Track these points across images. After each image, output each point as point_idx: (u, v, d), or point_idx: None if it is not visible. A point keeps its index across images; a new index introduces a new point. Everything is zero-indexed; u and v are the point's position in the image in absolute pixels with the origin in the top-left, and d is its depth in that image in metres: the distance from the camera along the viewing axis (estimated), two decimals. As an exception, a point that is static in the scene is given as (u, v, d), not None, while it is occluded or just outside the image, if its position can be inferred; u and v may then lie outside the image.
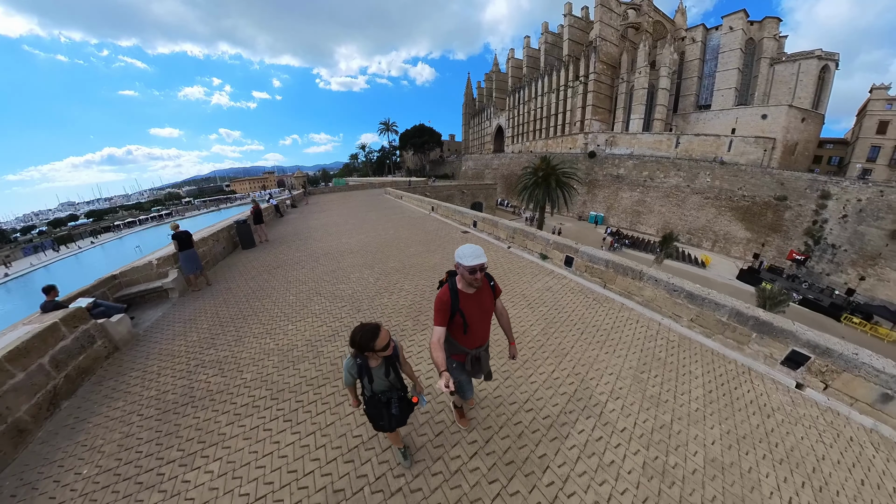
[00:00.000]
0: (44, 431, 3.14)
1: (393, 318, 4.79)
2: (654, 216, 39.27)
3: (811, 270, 33.42)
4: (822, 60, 40.95)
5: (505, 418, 2.91)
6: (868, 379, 3.04)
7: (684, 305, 4.58)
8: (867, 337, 24.60)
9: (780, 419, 3.02)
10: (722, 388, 3.36)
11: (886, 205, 29.99)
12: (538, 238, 7.14)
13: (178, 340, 4.42)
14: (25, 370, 3.17)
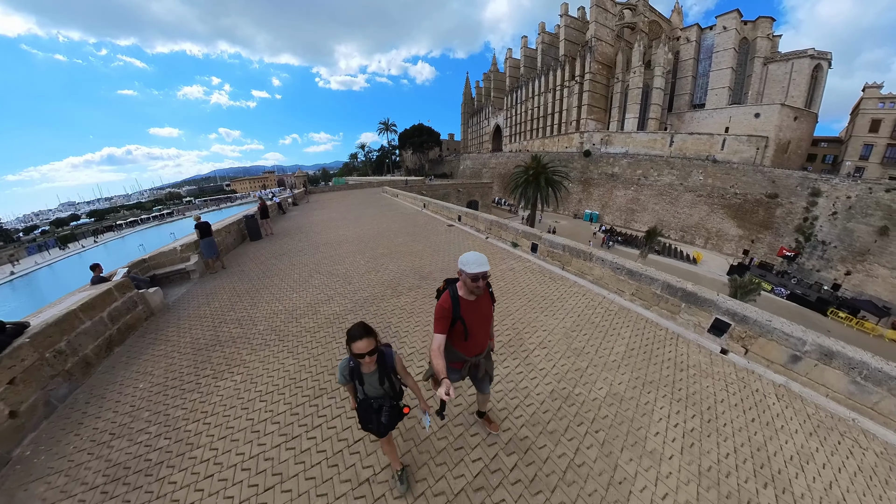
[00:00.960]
0: (103, 366, 4.16)
1: (376, 288, 5.85)
2: (647, 214, 40.17)
3: (802, 267, 34.22)
4: (814, 59, 41.73)
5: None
6: (780, 342, 3.59)
7: (626, 281, 5.54)
8: (853, 331, 25.38)
9: (693, 373, 3.61)
10: (644, 347, 4.10)
11: (875, 202, 30.76)
12: (510, 229, 8.15)
13: (202, 307, 5.48)
14: (91, 320, 4.20)
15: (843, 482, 2.51)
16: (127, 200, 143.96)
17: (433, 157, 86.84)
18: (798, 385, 3.50)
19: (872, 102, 40.64)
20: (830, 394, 3.36)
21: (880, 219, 30.42)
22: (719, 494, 2.35)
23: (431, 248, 8.41)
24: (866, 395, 3.13)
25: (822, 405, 3.28)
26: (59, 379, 3.64)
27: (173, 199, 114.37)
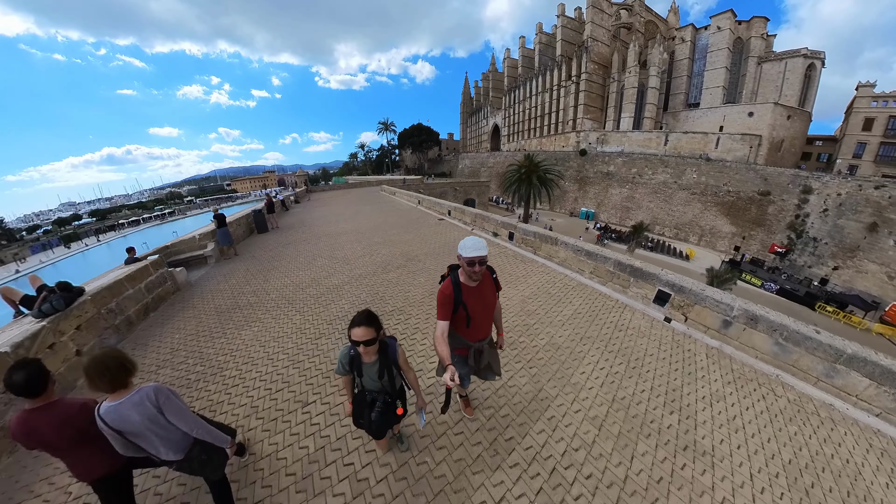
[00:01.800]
0: (142, 325, 5.14)
1: (369, 268, 6.85)
2: (642, 212, 41.02)
3: (794, 263, 34.97)
4: (807, 59, 42.52)
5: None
6: (713, 309, 4.16)
7: (585, 261, 6.46)
8: (840, 325, 26.12)
9: (630, 334, 4.22)
10: (590, 312, 4.90)
11: (864, 199, 31.48)
12: (491, 220, 9.10)
13: (221, 283, 6.53)
14: (133, 288, 5.17)
15: (747, 416, 3.03)
16: (127, 200, 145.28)
17: (432, 156, 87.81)
18: (731, 348, 4.02)
19: (865, 101, 41.32)
20: (759, 355, 3.89)
21: (870, 215, 31.10)
22: (626, 415, 2.94)
23: (420, 238, 9.42)
24: (788, 354, 3.66)
25: (750, 363, 3.79)
26: (110, 331, 4.61)
27: (174, 199, 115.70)
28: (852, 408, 3.25)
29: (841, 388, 3.36)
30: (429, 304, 5.16)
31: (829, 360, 3.39)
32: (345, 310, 5.09)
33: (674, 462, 2.50)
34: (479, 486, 2.30)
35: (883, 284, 29.54)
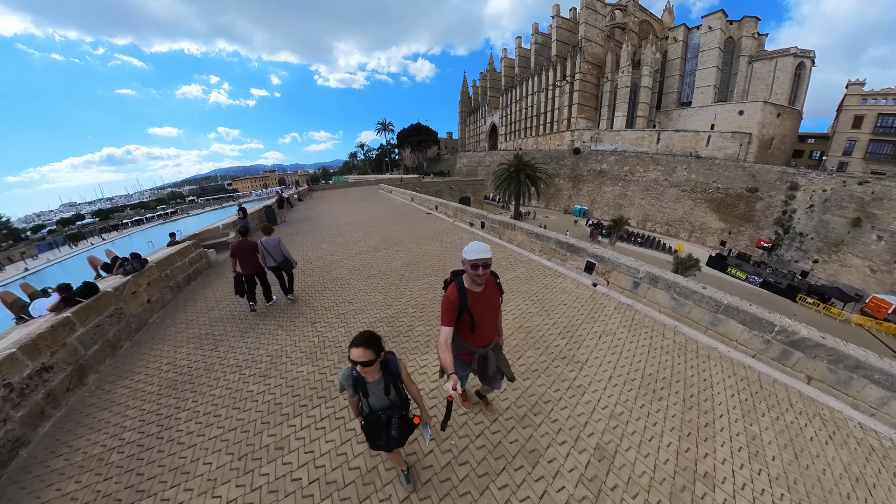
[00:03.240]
0: (188, 287, 6.89)
1: (363, 248, 8.68)
2: (634, 209, 42.57)
3: (781, 258, 36.40)
4: (797, 58, 43.86)
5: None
6: (625, 273, 5.44)
7: (535, 242, 8.10)
8: (820, 316, 27.51)
9: (554, 291, 5.64)
10: (527, 277, 6.45)
11: (848, 194, 32.83)
12: (468, 213, 10.81)
13: None
14: (181, 261, 6.92)
15: (628, 347, 4.05)
16: (128, 200, 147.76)
17: (431, 155, 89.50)
18: (641, 305, 5.14)
19: (855, 99, 42.58)
20: (662, 309, 4.96)
21: (853, 211, 32.40)
22: (526, 336, 4.29)
23: (407, 228, 11.22)
24: (682, 307, 4.70)
25: (653, 316, 4.76)
26: (167, 289, 6.35)
27: (176, 199, 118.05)
28: (733, 350, 4.12)
29: (724, 335, 4.30)
30: (406, 272, 6.89)
31: (712, 311, 4.37)
32: (343, 275, 6.90)
33: (550, 363, 3.83)
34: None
35: (866, 278, 30.90)
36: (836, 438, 3.05)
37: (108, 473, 2.74)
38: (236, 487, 2.51)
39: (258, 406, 3.33)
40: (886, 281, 30.02)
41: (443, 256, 7.83)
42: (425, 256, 7.88)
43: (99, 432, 3.21)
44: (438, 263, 7.33)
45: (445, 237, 9.53)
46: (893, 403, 3.27)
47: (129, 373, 4.12)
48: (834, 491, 2.53)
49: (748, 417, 3.16)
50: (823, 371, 3.64)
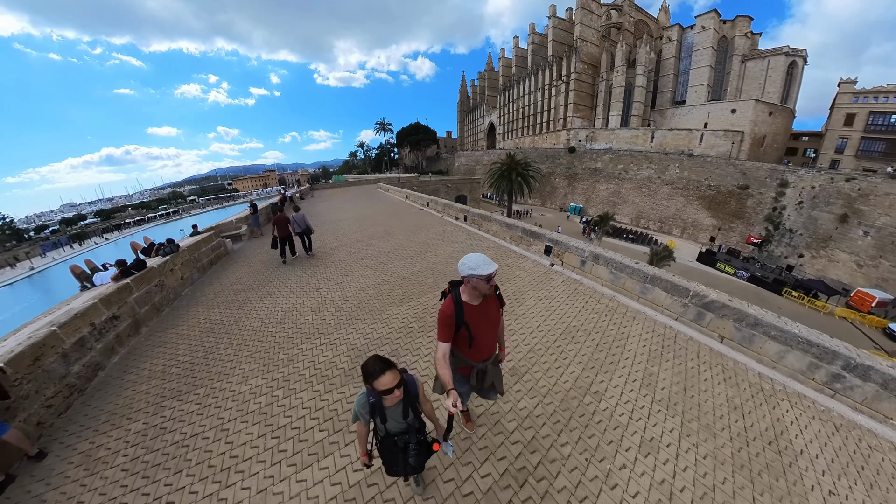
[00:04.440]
0: (211, 270, 8.20)
1: (359, 237, 10.01)
2: (628, 206, 43.77)
3: (771, 254, 37.52)
4: (789, 57, 44.93)
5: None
6: (575, 253, 6.65)
7: (506, 231, 9.33)
8: (804, 309, 28.58)
9: (513, 269, 6.86)
10: (497, 259, 7.72)
11: (836, 191, 33.88)
12: (454, 208, 12.13)
13: (256, 250, 9.74)
14: (206, 246, 8.25)
15: (564, 306, 5.17)
16: (128, 201, 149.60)
17: (430, 154, 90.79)
18: (587, 280, 6.26)
19: (847, 97, 43.58)
20: (603, 283, 6.03)
21: (840, 207, 33.43)
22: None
23: (400, 221, 12.56)
24: (619, 280, 5.78)
25: (596, 289, 5.78)
26: (195, 270, 7.67)
27: (177, 199, 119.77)
28: (659, 315, 4.96)
29: (651, 301, 5.22)
30: (394, 255, 8.18)
31: (642, 281, 5.33)
32: (342, 258, 8.23)
33: None
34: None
35: (853, 273, 31.98)
36: (728, 381, 3.69)
37: (170, 378, 4.03)
38: (261, 379, 3.82)
39: (276, 339, 4.64)
40: (872, 275, 31.09)
41: (426, 243, 9.13)
42: (411, 243, 9.19)
43: (158, 358, 4.52)
44: (421, 249, 8.65)
45: (431, 229, 10.85)
46: (789, 356, 3.84)
47: (174, 325, 5.44)
48: (709, 412, 3.21)
49: (651, 361, 3.90)
50: (731, 329, 4.30)
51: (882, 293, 28.36)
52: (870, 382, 3.48)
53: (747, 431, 3.12)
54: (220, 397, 3.59)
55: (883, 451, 3.09)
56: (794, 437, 3.15)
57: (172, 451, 2.98)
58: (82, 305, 4.50)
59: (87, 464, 2.93)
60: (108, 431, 3.30)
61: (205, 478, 2.69)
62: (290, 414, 3.27)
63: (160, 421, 3.36)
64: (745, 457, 2.87)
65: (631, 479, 2.56)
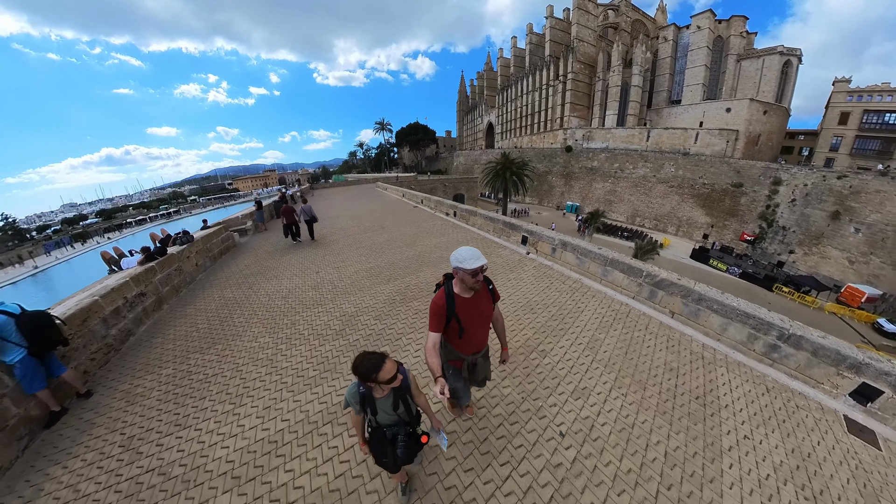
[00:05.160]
0: (221, 259, 9.09)
1: (356, 230, 10.91)
2: (624, 204, 44.53)
3: (765, 251, 38.22)
4: (783, 56, 45.62)
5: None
6: (547, 242, 7.42)
7: (490, 224, 10.15)
8: (794, 304, 29.26)
9: (494, 257, 7.67)
10: (478, 247, 8.62)
11: (828, 188, 34.54)
12: (445, 204, 13.00)
13: (261, 243, 10.67)
14: (216, 238, 9.13)
15: (530, 285, 5.90)
16: (129, 201, 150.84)
17: (429, 153, 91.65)
18: (558, 266, 7.03)
19: (842, 96, 44.24)
20: (571, 267, 6.74)
21: (832, 204, 34.08)
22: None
23: (394, 217, 13.47)
24: (584, 264, 6.46)
25: (563, 272, 6.51)
26: (207, 258, 8.55)
27: (177, 199, 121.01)
28: (618, 294, 5.62)
29: (611, 282, 5.89)
30: (385, 245, 9.05)
31: (603, 264, 6.02)
32: (339, 248, 9.12)
33: None
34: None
35: (844, 269, 32.65)
36: (670, 349, 4.08)
37: (192, 339, 4.90)
38: (269, 337, 4.70)
39: (281, 310, 5.52)
40: (863, 272, 31.74)
41: (416, 236, 10.00)
42: (402, 236, 10.07)
43: (181, 327, 5.38)
44: (411, 240, 9.53)
45: (422, 223, 11.73)
46: (731, 328, 4.17)
47: (192, 302, 6.31)
48: (644, 372, 3.66)
49: (600, 330, 4.45)
50: (679, 305, 4.74)
51: (871, 289, 29.00)
52: (802, 351, 3.73)
53: (677, 388, 3.50)
54: (235, 350, 4.47)
55: (809, 410, 3.34)
56: (722, 394, 3.45)
57: (197, 386, 3.84)
58: (116, 282, 5.37)
59: (127, 398, 3.78)
60: (144, 376, 4.16)
61: (223, 401, 3.55)
62: (291, 360, 4.14)
63: (186, 367, 4.23)
64: (670, 406, 3.25)
65: (559, 414, 3.11)
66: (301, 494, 2.48)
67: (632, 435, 2.94)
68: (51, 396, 3.51)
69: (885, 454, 2.96)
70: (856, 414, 3.38)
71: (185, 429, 3.22)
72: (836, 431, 3.19)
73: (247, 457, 2.83)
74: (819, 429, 3.20)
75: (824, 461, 2.88)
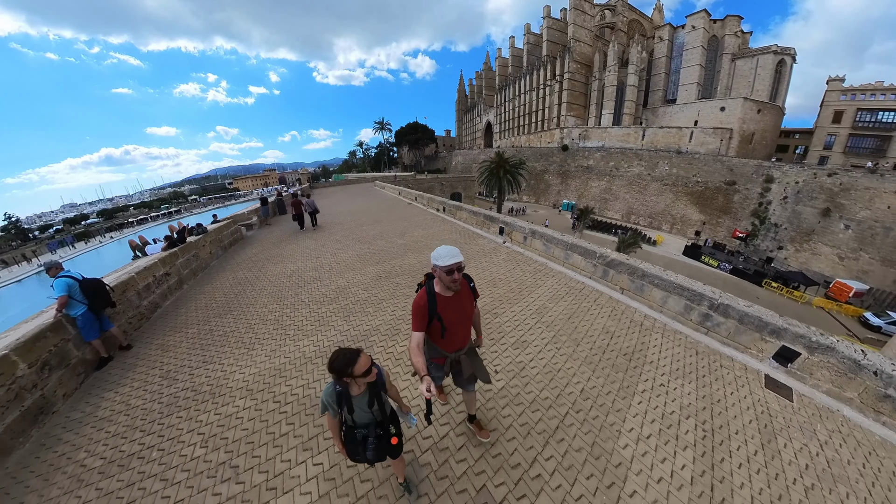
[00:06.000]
0: (231, 250, 10.16)
1: (353, 223, 12.00)
2: (619, 202, 45.46)
3: (757, 247, 39.06)
4: (777, 55, 46.44)
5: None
6: (520, 232, 8.39)
7: (473, 218, 11.15)
8: (783, 299, 30.09)
9: (472, 245, 8.91)
10: (461, 238, 9.56)
11: (819, 186, 35.33)
12: (435, 200, 14.05)
13: (266, 235, 11.83)
14: (226, 231, 10.21)
15: (497, 267, 6.86)
16: (129, 200, 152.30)
17: (429, 153, 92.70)
18: (528, 252, 7.89)
19: (835, 94, 45.00)
20: (539, 253, 7.69)
21: (823, 201, 34.86)
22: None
23: (388, 213, 14.56)
24: (549, 250, 7.36)
25: (533, 258, 7.37)
26: (219, 248, 9.61)
27: (178, 198, 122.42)
28: (577, 274, 6.39)
29: (572, 265, 6.71)
30: (378, 236, 10.10)
31: (565, 249, 6.90)
32: (337, 238, 10.18)
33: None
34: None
35: (834, 265, 33.47)
36: (612, 317, 4.72)
37: (211, 308, 5.97)
38: (276, 305, 5.78)
39: (286, 285, 6.62)
40: (853, 267, 32.57)
41: (406, 228, 11.06)
42: (394, 228, 11.15)
43: (201, 300, 6.45)
44: (401, 232, 10.61)
45: (413, 218, 12.80)
46: (670, 300, 4.74)
47: (209, 282, 7.38)
48: (582, 333, 4.31)
49: (551, 301, 5.24)
50: (627, 282, 5.44)
51: (859, 284, 29.83)
52: (730, 319, 4.02)
53: (609, 347, 3.98)
54: (248, 315, 5.53)
55: (732, 370, 3.67)
56: (650, 354, 3.83)
57: (218, 339, 4.88)
58: (147, 262, 6.43)
59: (162, 348, 4.84)
60: (173, 334, 5.21)
61: (239, 348, 4.59)
62: (293, 319, 5.21)
63: (208, 327, 5.28)
64: (597, 359, 3.76)
65: (497, 359, 3.84)
66: (297, 398, 3.52)
67: (556, 376, 3.50)
68: (102, 345, 4.56)
69: (795, 405, 3.27)
70: (778, 374, 3.66)
71: (211, 364, 4.27)
72: (753, 386, 3.48)
73: (258, 378, 3.87)
74: (737, 383, 3.50)
75: (732, 406, 3.20)
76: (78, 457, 3.01)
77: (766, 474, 2.64)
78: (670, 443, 2.85)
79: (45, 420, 3.53)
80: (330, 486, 2.54)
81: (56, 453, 3.08)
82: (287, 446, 2.91)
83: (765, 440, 2.93)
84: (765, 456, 2.79)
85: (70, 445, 3.16)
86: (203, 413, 3.40)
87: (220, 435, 3.10)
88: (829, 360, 3.41)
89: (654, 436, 2.90)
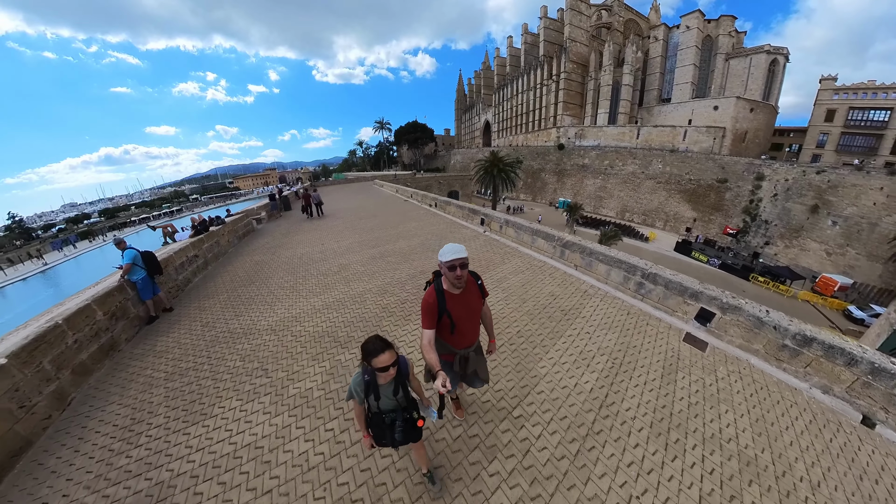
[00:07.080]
0: (245, 239, 11.59)
1: (353, 218, 13.33)
2: (613, 200, 46.74)
3: (748, 244, 40.27)
4: (770, 55, 47.62)
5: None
6: (497, 222, 9.90)
7: (459, 211, 12.54)
8: (770, 293, 31.32)
9: (456, 235, 10.49)
10: (446, 228, 10.96)
11: (807, 183, 36.49)
12: (429, 197, 15.43)
13: (277, 228, 13.25)
14: (240, 223, 11.63)
15: (473, 250, 8.49)
16: (129, 200, 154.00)
17: (428, 152, 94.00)
18: (503, 239, 9.63)
19: (828, 93, 46.13)
20: (512, 239, 9.29)
21: (811, 198, 36.01)
22: (422, 247, 9.13)
23: (385, 208, 16.00)
24: (520, 236, 8.56)
25: (505, 243, 8.91)
26: (234, 238, 11.02)
27: (178, 198, 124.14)
28: (540, 255, 7.59)
29: (538, 248, 7.85)
30: (375, 227, 11.50)
31: (532, 235, 8.39)
32: (339, 229, 11.59)
33: (423, 252, 8.53)
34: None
35: (822, 261, 34.64)
36: (560, 286, 5.76)
37: (236, 281, 7.38)
38: (289, 277, 7.23)
39: (297, 264, 8.04)
40: (840, 263, 33.76)
41: (399, 221, 12.48)
42: (389, 221, 12.59)
43: (226, 276, 7.86)
44: (395, 224, 12.04)
45: (407, 213, 14.21)
46: (612, 273, 5.71)
47: (230, 264, 8.81)
48: (529, 295, 5.36)
49: (512, 274, 6.45)
50: (579, 259, 6.55)
51: (844, 278, 31.07)
52: (658, 286, 4.62)
53: (550, 304, 4.92)
54: (268, 284, 6.96)
55: (657, 327, 4.23)
56: (584, 312, 4.54)
57: (245, 302, 6.26)
58: (180, 245, 7.84)
59: (199, 309, 6.21)
60: (206, 300, 6.60)
61: (262, 307, 5.95)
62: (305, 285, 6.64)
63: (236, 294, 6.69)
64: (537, 313, 4.71)
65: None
66: (308, 333, 4.87)
67: (500, 322, 4.58)
68: (153, 305, 5.94)
69: (706, 354, 3.80)
70: (699, 333, 4.15)
71: (241, 317, 5.65)
72: (672, 340, 3.95)
73: (279, 323, 5.26)
74: (657, 337, 3.96)
75: (645, 350, 3.71)
76: (146, 373, 4.26)
77: (657, 393, 3.21)
78: (581, 368, 3.57)
79: (114, 354, 4.82)
80: (328, 377, 3.88)
81: (129, 371, 4.34)
82: (301, 358, 4.27)
83: (666, 373, 3.45)
84: (661, 383, 3.33)
85: (139, 366, 4.43)
86: (239, 344, 4.77)
87: (252, 355, 4.44)
88: (738, 318, 3.88)
89: (568, 363, 3.65)
